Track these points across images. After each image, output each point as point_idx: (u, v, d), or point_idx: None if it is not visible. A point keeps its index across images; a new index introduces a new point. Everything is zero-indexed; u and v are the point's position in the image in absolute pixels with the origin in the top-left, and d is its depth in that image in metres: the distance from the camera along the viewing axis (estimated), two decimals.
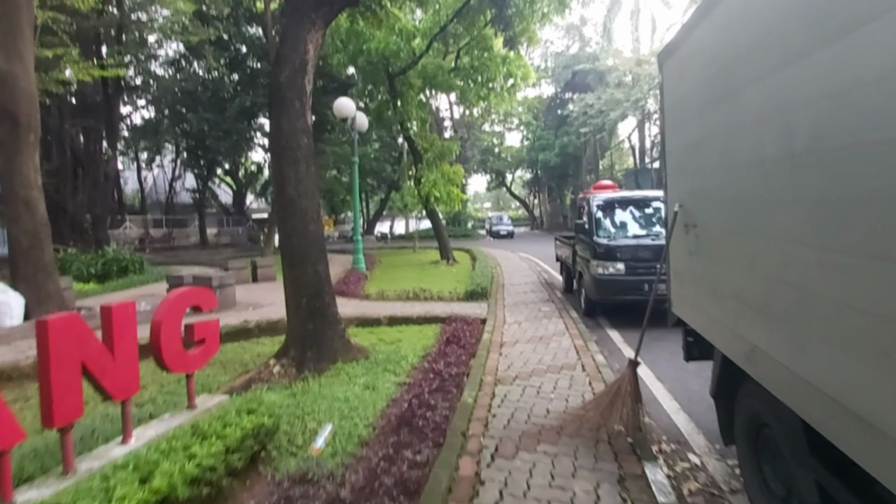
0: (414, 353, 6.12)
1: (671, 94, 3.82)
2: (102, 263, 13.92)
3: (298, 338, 5.55)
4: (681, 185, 3.62)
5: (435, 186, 16.87)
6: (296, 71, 5.83)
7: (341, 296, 9.93)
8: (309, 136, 5.86)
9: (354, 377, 5.26)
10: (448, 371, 5.11)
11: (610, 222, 8.07)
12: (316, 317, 5.56)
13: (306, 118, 5.87)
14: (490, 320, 7.66)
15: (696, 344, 3.75)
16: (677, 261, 3.75)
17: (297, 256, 5.56)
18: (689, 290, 3.57)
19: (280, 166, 5.68)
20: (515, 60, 17.05)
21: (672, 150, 3.81)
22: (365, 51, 14.86)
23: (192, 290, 3.85)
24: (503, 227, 37.96)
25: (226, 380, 5.42)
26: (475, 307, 8.72)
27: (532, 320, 7.69)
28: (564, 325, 7.25)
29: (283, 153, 5.66)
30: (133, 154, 32.97)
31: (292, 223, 5.59)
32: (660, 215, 8.04)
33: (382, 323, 7.79)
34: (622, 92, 30.19)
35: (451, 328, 7.05)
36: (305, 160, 5.73)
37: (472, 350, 6.08)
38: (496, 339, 6.61)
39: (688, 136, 3.43)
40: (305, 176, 5.69)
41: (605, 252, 7.61)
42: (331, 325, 5.68)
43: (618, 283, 7.47)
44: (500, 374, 5.13)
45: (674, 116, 3.74)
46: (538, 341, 6.42)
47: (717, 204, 2.98)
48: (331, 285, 5.86)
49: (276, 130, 5.75)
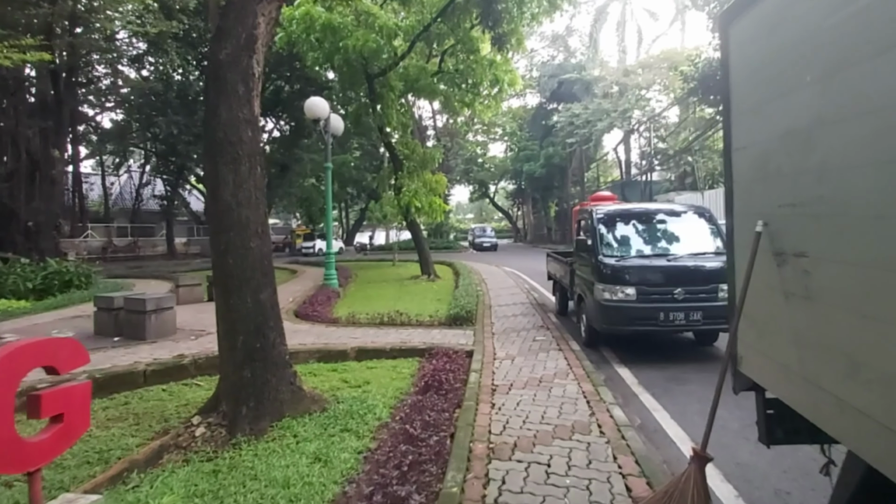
0: (384, 401, 4.89)
1: (745, 64, 2.70)
2: (43, 277, 12.39)
3: (232, 388, 4.28)
4: (767, 194, 2.49)
5: (416, 196, 15.71)
6: (241, 48, 4.63)
7: (304, 320, 8.66)
8: (255, 130, 4.64)
9: (303, 441, 4.02)
10: (426, 435, 3.89)
11: (618, 239, 6.96)
12: (255, 360, 4.30)
13: (253, 107, 4.65)
14: (477, 353, 6.47)
15: (783, 421, 2.62)
16: (759, 303, 2.61)
17: (233, 282, 4.31)
18: (779, 347, 2.43)
19: (215, 165, 4.44)
20: (502, 65, 16.10)
21: (748, 144, 2.69)
22: (342, 48, 13.67)
23: (38, 345, 2.56)
24: (487, 240, 36.94)
25: (133, 443, 4.12)
26: (459, 335, 7.52)
27: (527, 354, 6.51)
28: (566, 362, 6.08)
29: (219, 149, 4.43)
30: (99, 158, 31.23)
31: (227, 239, 4.34)
32: (675, 231, 6.97)
33: (349, 356, 6.54)
34: (609, 102, 29.52)
35: (432, 365, 5.83)
36: (249, 159, 4.51)
37: (456, 397, 4.87)
38: (486, 380, 5.41)
39: (785, 121, 2.30)
40: (248, 179, 4.46)
41: (613, 274, 6.48)
42: (276, 369, 4.42)
43: (628, 311, 6.35)
44: (493, 442, 3.92)
45: (752, 95, 2.62)
46: (537, 385, 5.23)
47: (852, 224, 1.85)
48: (278, 318, 4.60)
49: (211, 120, 4.52)
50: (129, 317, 7.14)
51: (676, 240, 6.85)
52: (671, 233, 6.92)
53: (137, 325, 7.03)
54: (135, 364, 5.77)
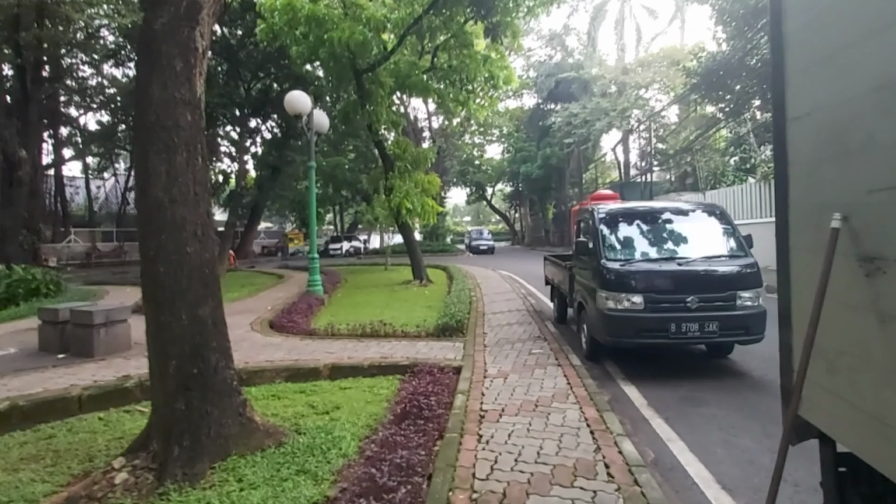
0: (354, 431, 4.17)
1: (811, 9, 1.99)
2: (7, 285, 11.62)
3: (163, 423, 3.55)
4: (847, 176, 1.79)
5: (407, 197, 14.99)
6: (180, 17, 3.92)
7: (279, 332, 7.93)
8: (196, 114, 3.91)
9: (247, 488, 3.29)
10: (396, 482, 3.16)
11: (622, 241, 6.25)
12: (191, 389, 3.57)
13: (194, 87, 3.93)
14: (466, 370, 5.75)
15: (859, 484, 1.94)
16: (832, 326, 1.89)
17: (165, 294, 3.58)
18: (861, 387, 1.73)
19: (145, 154, 3.72)
20: (498, 61, 15.44)
21: (813, 109, 1.98)
22: (327, 41, 12.96)
23: None
24: (483, 242, 36.20)
25: (41, 492, 3.38)
26: (447, 348, 6.80)
27: (521, 370, 5.79)
28: (566, 380, 5.36)
29: (150, 135, 3.71)
30: (83, 161, 30.43)
31: (158, 242, 3.61)
32: (686, 232, 6.26)
33: (322, 375, 5.81)
34: (608, 101, 28.88)
35: (413, 386, 5.11)
36: (187, 148, 3.79)
37: (438, 426, 4.14)
38: (473, 404, 4.68)
39: (881, 69, 1.60)
40: (185, 171, 3.74)
41: (618, 280, 5.77)
42: (219, 399, 3.69)
43: (634, 322, 5.63)
44: (478, 490, 3.19)
45: (822, 40, 1.91)
46: (532, 411, 4.51)
47: None
48: (223, 336, 3.87)
49: (142, 101, 3.80)
50: (76, 331, 6.39)
51: (687, 241, 6.14)
52: (681, 234, 6.21)
53: (84, 340, 6.28)
54: (70, 388, 5.02)
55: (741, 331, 5.54)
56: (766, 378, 5.61)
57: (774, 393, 5.16)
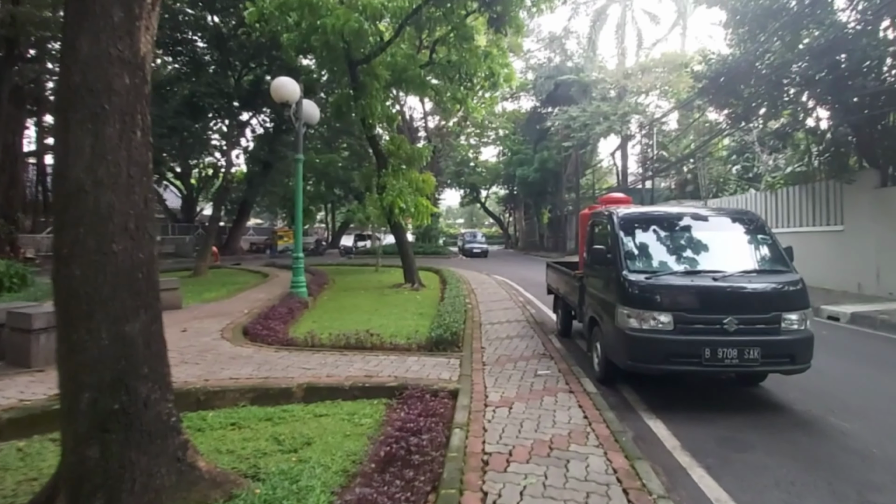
0: (325, 479, 3.34)
1: None
2: None
3: (71, 473, 2.71)
4: None
5: (400, 196, 14.19)
6: None
7: (252, 341, 7.08)
8: (137, 77, 3.08)
9: None
10: None
11: (646, 250, 5.45)
12: (111, 430, 2.72)
13: (136, 45, 3.09)
14: (464, 394, 4.93)
15: None
16: None
17: (79, 305, 2.74)
18: None
19: (65, 124, 2.88)
20: (499, 58, 14.75)
21: None
22: (320, 28, 12.12)
23: None
24: (477, 246, 35.43)
25: None
26: (442, 365, 5.98)
27: (528, 397, 4.98)
28: (581, 412, 4.55)
29: (72, 99, 2.88)
30: None
31: (74, 237, 2.77)
32: (721, 242, 5.49)
33: (294, 397, 4.96)
34: (609, 104, 28.24)
35: (402, 416, 4.29)
36: (122, 118, 2.95)
37: (430, 477, 3.32)
38: (474, 444, 3.86)
39: None
40: (117, 148, 2.90)
41: (642, 295, 4.97)
42: (148, 442, 2.84)
43: (661, 345, 4.83)
44: None
45: None
46: (547, 456, 3.69)
47: None
48: (160, 359, 3.02)
49: (67, 57, 2.97)
50: (13, 337, 5.51)
51: (722, 252, 5.36)
52: (714, 243, 5.43)
53: (21, 347, 5.40)
54: None
55: (786, 359, 4.77)
56: (812, 415, 4.84)
57: (828, 435, 4.42)
